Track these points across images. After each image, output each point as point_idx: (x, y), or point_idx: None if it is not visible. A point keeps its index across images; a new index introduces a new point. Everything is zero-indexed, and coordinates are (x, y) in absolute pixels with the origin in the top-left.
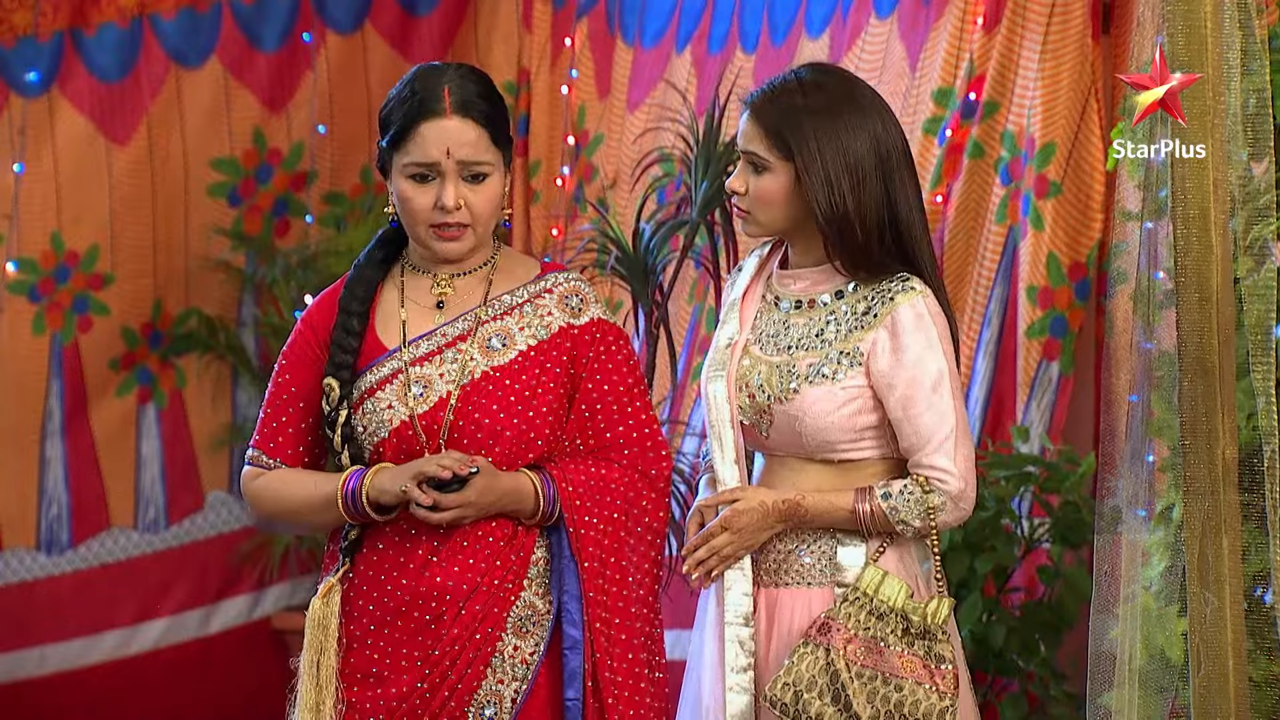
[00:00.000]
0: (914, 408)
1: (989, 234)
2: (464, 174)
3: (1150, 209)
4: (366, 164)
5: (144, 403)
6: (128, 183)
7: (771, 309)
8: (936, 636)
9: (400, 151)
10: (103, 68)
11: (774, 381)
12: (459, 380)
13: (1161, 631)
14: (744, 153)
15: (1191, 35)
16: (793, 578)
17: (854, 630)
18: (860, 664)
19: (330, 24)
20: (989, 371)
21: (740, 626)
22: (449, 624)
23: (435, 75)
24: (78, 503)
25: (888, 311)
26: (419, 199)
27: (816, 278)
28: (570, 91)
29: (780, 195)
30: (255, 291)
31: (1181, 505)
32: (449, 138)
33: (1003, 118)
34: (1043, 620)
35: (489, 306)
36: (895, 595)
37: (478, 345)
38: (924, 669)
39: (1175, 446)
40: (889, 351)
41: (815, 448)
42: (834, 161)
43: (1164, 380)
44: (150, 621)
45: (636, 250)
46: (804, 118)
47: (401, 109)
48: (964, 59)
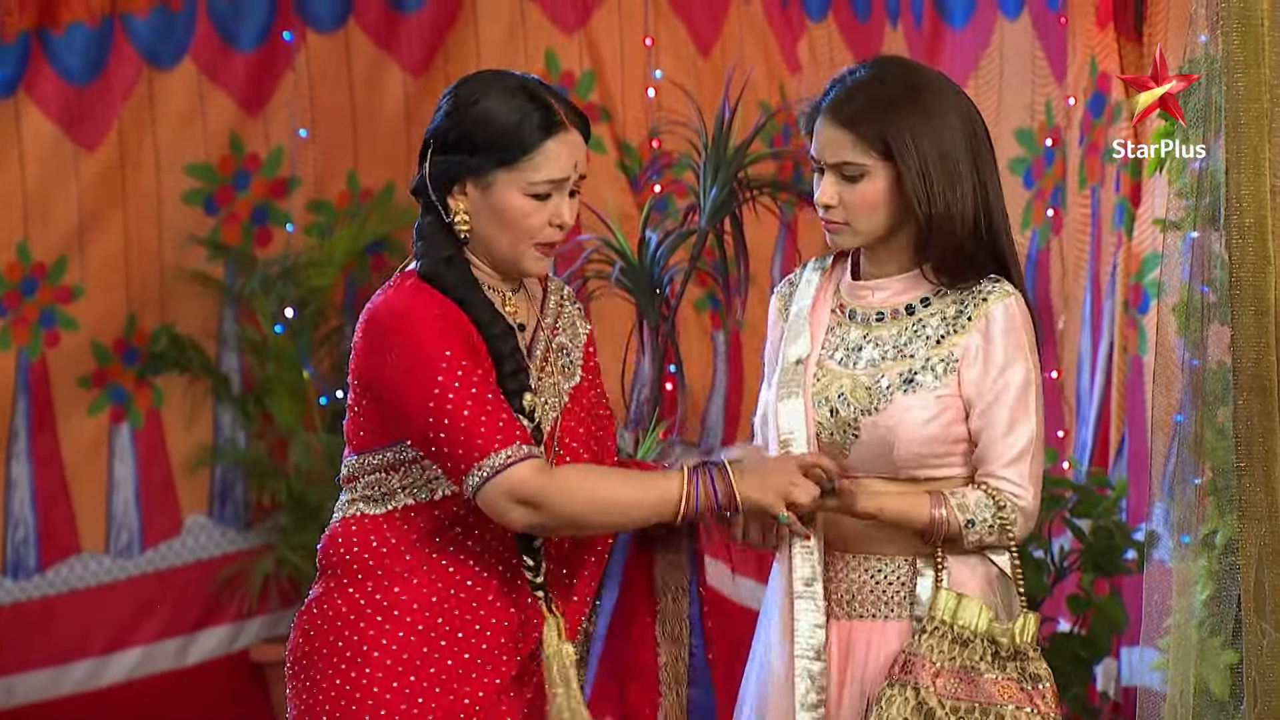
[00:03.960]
0: (998, 416)
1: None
2: (571, 188)
3: (1200, 218)
4: (353, 169)
5: (117, 422)
6: (97, 190)
7: (846, 323)
8: (1028, 655)
9: (520, 168)
10: (71, 69)
11: (860, 395)
12: (559, 405)
13: (1205, 664)
14: (832, 164)
15: (1247, 34)
16: (868, 610)
17: (940, 663)
18: (954, 698)
19: (311, 22)
20: (1101, 389)
21: (811, 660)
22: (531, 658)
23: (532, 87)
24: (45, 526)
25: (981, 313)
26: (537, 216)
27: (900, 286)
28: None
29: (883, 199)
30: (236, 305)
31: (1226, 530)
32: (577, 151)
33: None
34: (1073, 652)
35: (544, 318)
36: (976, 618)
37: (555, 366)
38: (1021, 692)
39: (1221, 468)
40: (981, 357)
41: (904, 462)
42: (932, 155)
43: (1211, 399)
44: (123, 652)
45: (642, 261)
46: (893, 113)
47: (519, 124)
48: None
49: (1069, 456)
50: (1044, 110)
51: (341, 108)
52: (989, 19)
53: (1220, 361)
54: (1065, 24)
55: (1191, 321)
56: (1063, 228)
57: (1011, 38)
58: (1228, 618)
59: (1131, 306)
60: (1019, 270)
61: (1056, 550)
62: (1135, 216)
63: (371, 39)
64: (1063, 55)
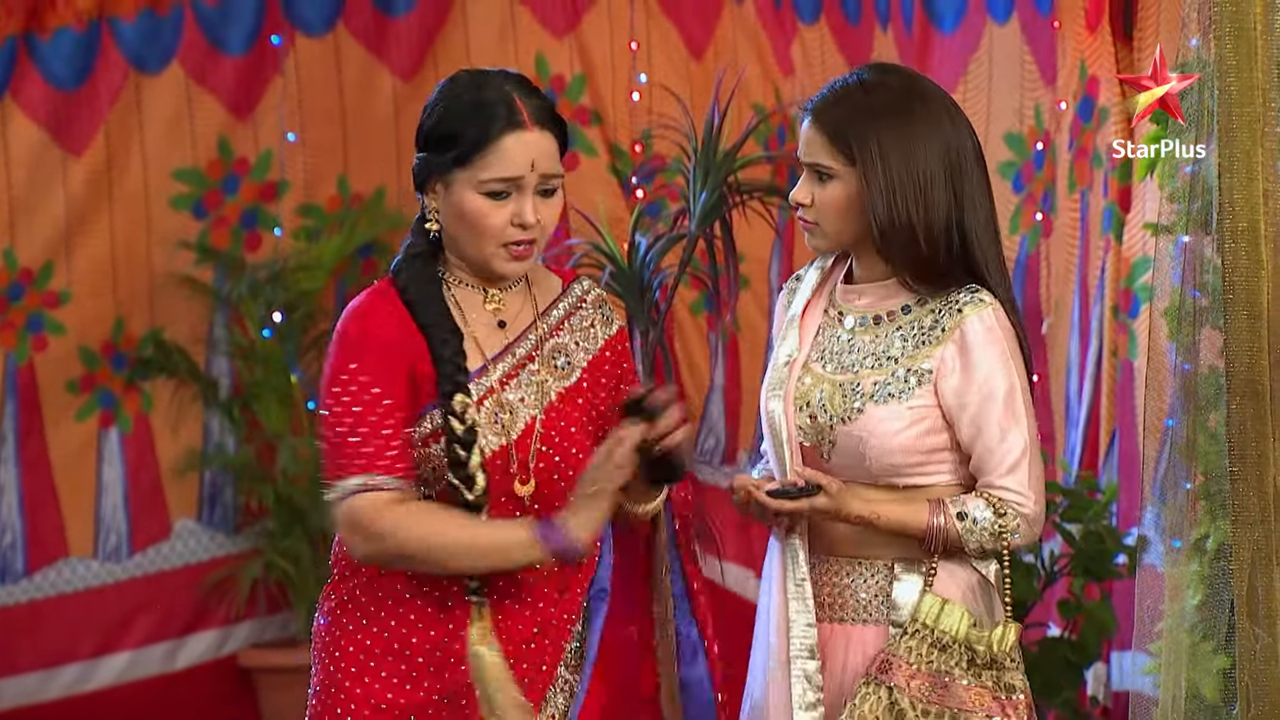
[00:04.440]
0: (987, 427)
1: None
2: (539, 188)
3: (1191, 222)
4: (343, 173)
5: (105, 427)
6: (85, 195)
7: (835, 325)
8: (1005, 665)
9: (473, 166)
10: (58, 74)
11: (836, 401)
12: (540, 404)
13: (1197, 668)
14: (808, 163)
15: (1240, 38)
16: (847, 614)
17: (916, 665)
18: (926, 701)
19: (300, 25)
20: (1090, 393)
21: (806, 660)
22: (519, 661)
23: (498, 83)
24: (33, 530)
25: (955, 325)
26: (495, 216)
27: (882, 293)
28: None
29: (848, 204)
30: (225, 309)
31: (1217, 535)
32: (533, 150)
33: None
34: (1063, 657)
35: (543, 321)
36: (957, 625)
37: (545, 365)
38: (994, 700)
39: (1212, 473)
40: (959, 369)
41: (879, 471)
42: (899, 167)
43: (1203, 403)
44: (111, 656)
45: (632, 265)
46: (867, 120)
47: (474, 121)
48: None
49: (1059, 461)
50: (1033, 114)
51: (331, 112)
52: (978, 23)
53: (1212, 366)
54: (1058, 28)
55: (1183, 326)
56: (1052, 232)
57: (1000, 42)
58: (1219, 622)
59: (1122, 311)
60: (1005, 281)
61: (1047, 555)
62: (1124, 221)
63: (361, 43)
64: (1052, 59)
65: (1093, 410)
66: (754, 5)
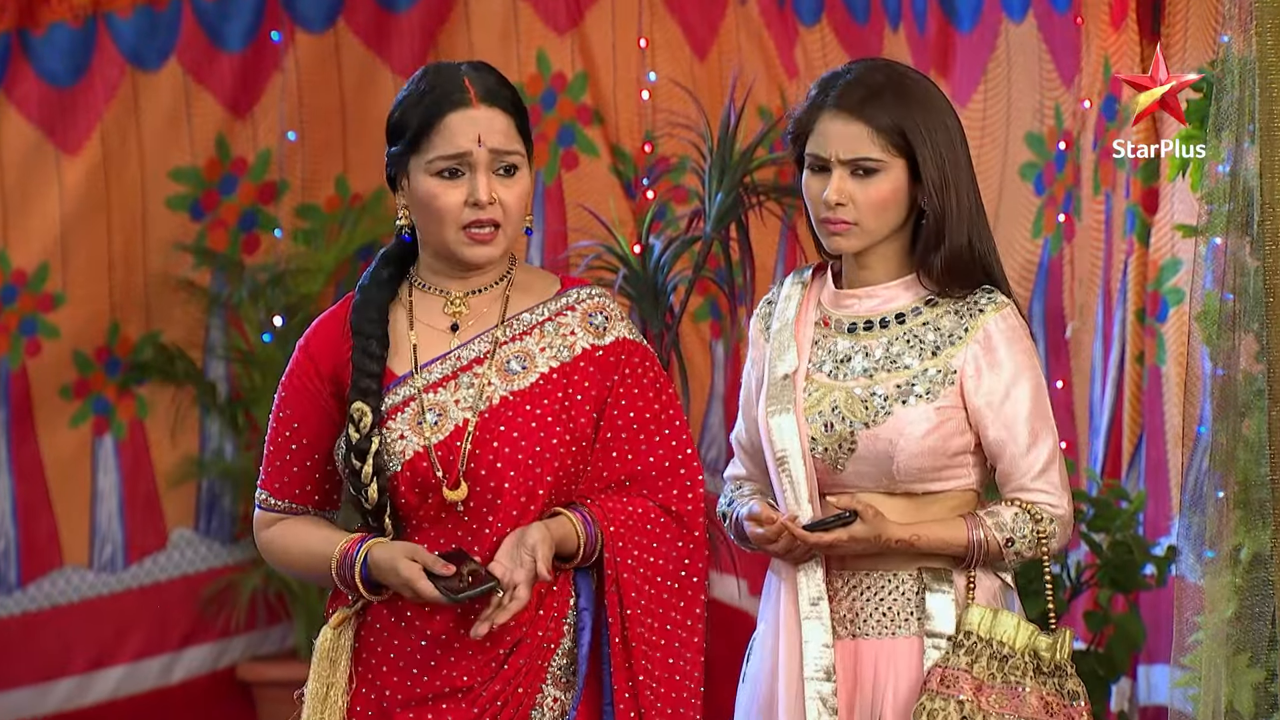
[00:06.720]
0: (1016, 428)
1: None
2: (495, 166)
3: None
4: (342, 173)
5: (100, 434)
6: (80, 195)
7: (832, 334)
8: (1067, 671)
9: (422, 150)
10: (53, 71)
11: (855, 407)
12: (476, 407)
13: (1232, 681)
14: (844, 160)
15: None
16: (874, 628)
17: (982, 678)
18: (1000, 712)
19: (300, 22)
20: (1113, 399)
21: (821, 682)
22: (490, 681)
23: (449, 70)
24: (27, 539)
25: (978, 325)
26: (448, 196)
27: (891, 293)
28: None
29: (894, 198)
30: (223, 313)
31: (1252, 544)
32: (479, 125)
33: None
34: (1090, 671)
35: (507, 326)
36: (1015, 633)
37: (495, 368)
38: (1063, 709)
39: (1247, 481)
40: (985, 369)
41: (904, 476)
42: (947, 153)
43: (1239, 410)
44: (107, 669)
45: (645, 268)
46: (911, 107)
47: (419, 106)
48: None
49: (1085, 469)
50: (1053, 114)
51: (331, 110)
52: (994, 21)
53: (1246, 371)
54: (1081, 24)
55: (1219, 330)
56: (1075, 234)
57: (1017, 40)
58: (1256, 634)
59: (1149, 315)
60: (1007, 282)
61: (1072, 565)
62: (1149, 223)
63: (362, 40)
64: (1069, 57)
65: (1115, 417)
66: (757, 5)
